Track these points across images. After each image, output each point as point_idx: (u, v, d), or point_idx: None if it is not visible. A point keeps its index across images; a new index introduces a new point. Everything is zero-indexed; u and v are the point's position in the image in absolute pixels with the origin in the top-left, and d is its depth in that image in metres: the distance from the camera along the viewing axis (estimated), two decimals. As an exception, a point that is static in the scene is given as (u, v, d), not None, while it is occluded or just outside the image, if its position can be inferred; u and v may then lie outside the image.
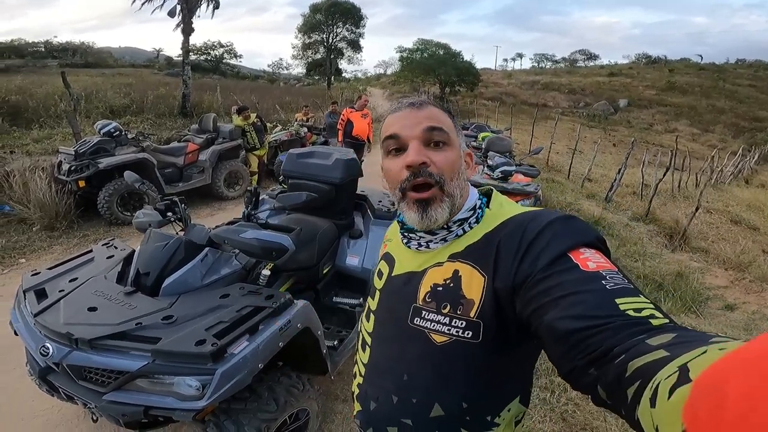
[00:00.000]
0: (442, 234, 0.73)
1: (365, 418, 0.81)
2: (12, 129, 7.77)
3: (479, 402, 0.71)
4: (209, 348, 1.25)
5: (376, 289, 0.83)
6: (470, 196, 0.76)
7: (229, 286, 1.64)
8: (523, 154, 7.37)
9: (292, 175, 2.57)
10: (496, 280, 0.63)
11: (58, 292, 1.62)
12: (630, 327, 0.46)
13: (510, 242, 0.64)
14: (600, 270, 0.54)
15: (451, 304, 0.67)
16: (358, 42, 33.99)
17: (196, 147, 5.96)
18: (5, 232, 4.70)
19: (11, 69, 19.94)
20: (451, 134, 0.72)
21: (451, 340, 0.67)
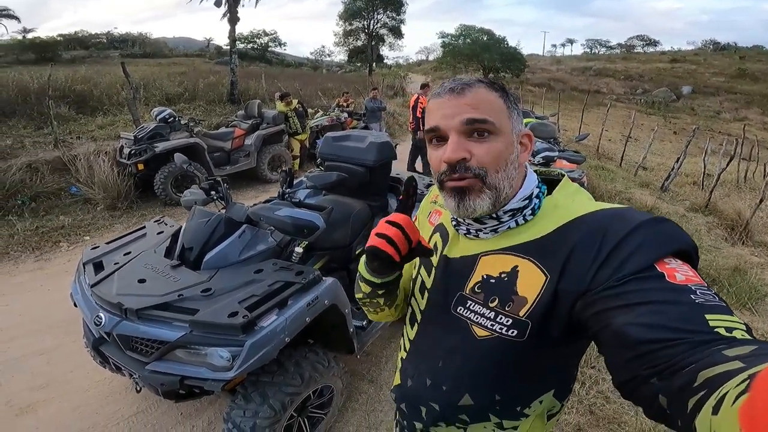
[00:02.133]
0: (491, 224, 0.68)
1: (400, 392, 0.82)
2: (78, 116, 8.41)
3: (511, 395, 0.70)
4: (240, 320, 1.32)
5: (432, 265, 0.77)
6: (527, 184, 0.68)
7: (263, 262, 1.72)
8: (569, 141, 7.05)
9: (328, 157, 2.63)
10: (562, 282, 0.58)
11: (113, 264, 1.76)
12: (714, 343, 0.42)
13: (588, 244, 0.58)
14: (689, 283, 0.49)
15: (501, 299, 0.64)
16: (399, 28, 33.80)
17: (243, 132, 6.20)
18: (72, 211, 5.15)
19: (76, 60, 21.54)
20: (498, 120, 0.63)
21: (493, 336, 0.64)
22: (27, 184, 5.44)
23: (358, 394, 2.21)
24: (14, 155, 6.14)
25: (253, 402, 1.50)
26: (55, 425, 2.00)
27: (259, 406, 1.49)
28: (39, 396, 2.18)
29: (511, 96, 0.67)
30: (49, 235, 4.43)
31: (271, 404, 1.50)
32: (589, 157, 10.42)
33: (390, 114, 12.43)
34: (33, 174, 5.64)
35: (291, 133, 6.63)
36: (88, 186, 5.38)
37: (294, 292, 1.51)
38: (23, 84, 8.71)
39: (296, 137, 6.72)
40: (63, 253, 4.08)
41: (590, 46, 67.62)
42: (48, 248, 4.17)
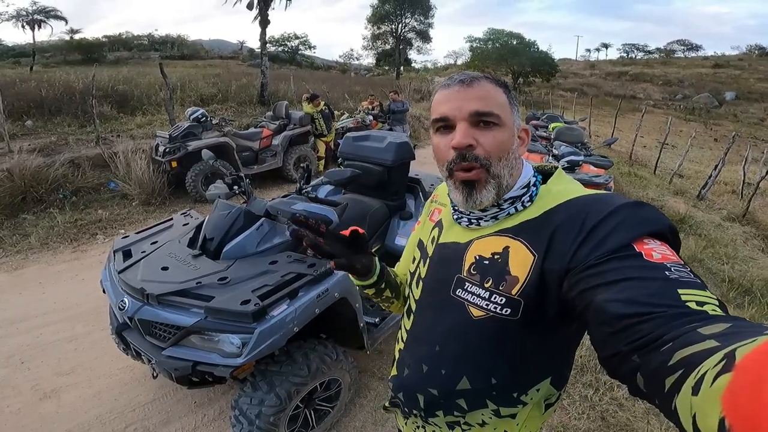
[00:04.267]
0: (492, 212, 0.72)
1: (397, 382, 0.84)
2: (119, 115, 8.87)
3: (508, 379, 0.71)
4: (251, 308, 1.38)
5: (428, 257, 0.82)
6: (524, 173, 0.73)
7: (278, 254, 1.78)
8: (599, 146, 6.87)
9: (348, 156, 2.68)
10: (547, 261, 0.61)
11: (141, 252, 1.87)
12: (686, 317, 0.43)
13: (570, 224, 0.61)
14: (665, 261, 0.51)
15: (494, 279, 0.66)
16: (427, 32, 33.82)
17: (270, 132, 6.36)
18: (109, 205, 5.42)
19: (120, 61, 22.67)
20: (503, 113, 0.68)
21: (488, 316, 0.67)
22: (69, 179, 5.74)
23: (367, 390, 2.24)
24: (58, 151, 6.51)
25: (260, 390, 1.55)
26: (75, 410, 2.11)
27: (265, 395, 1.54)
28: (63, 381, 2.31)
29: (512, 93, 0.73)
30: (86, 228, 4.69)
31: (278, 393, 1.54)
32: (621, 163, 10.10)
33: (416, 117, 12.45)
34: (75, 169, 5.95)
35: (317, 134, 6.76)
36: (125, 182, 5.65)
37: (305, 284, 1.56)
38: (69, 84, 9.24)
39: (322, 139, 6.83)
40: (99, 245, 4.30)
41: (627, 51, 65.36)
42: (85, 240, 4.41)
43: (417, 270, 0.85)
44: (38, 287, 3.37)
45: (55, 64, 23.11)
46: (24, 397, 2.20)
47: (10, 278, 3.54)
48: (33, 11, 25.15)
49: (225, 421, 2.05)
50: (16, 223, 4.76)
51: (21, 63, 23.40)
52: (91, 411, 2.10)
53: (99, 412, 2.09)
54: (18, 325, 2.82)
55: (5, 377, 2.33)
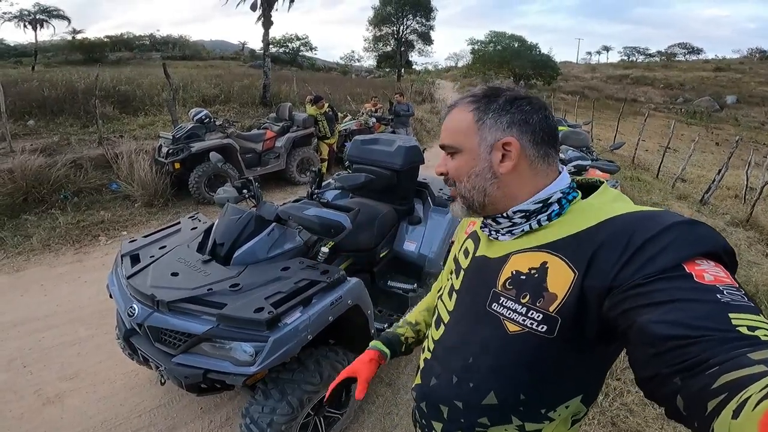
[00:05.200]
0: (505, 224, 0.72)
1: (421, 391, 0.83)
2: (122, 116, 8.83)
3: (538, 395, 0.70)
4: (266, 315, 1.35)
5: (461, 268, 0.82)
6: (547, 189, 0.70)
7: (290, 260, 1.75)
8: (603, 150, 6.85)
9: (356, 160, 2.66)
10: (588, 278, 0.59)
11: (149, 257, 1.84)
12: (735, 342, 0.42)
13: (616, 241, 0.58)
14: (717, 284, 0.49)
15: (532, 295, 0.65)
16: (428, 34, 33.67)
17: (274, 134, 6.34)
18: (111, 206, 5.39)
19: (122, 61, 22.66)
20: (460, 140, 0.72)
21: (524, 331, 0.65)
22: (71, 179, 5.71)
23: (375, 397, 2.21)
24: (60, 152, 6.48)
25: (272, 398, 1.53)
26: (79, 415, 2.09)
27: (277, 403, 1.51)
28: (67, 386, 2.28)
29: (495, 104, 0.70)
30: (89, 229, 4.65)
31: (290, 401, 1.52)
32: (624, 167, 10.08)
33: (418, 120, 12.44)
34: (77, 170, 5.92)
35: (320, 136, 6.73)
36: (127, 183, 5.62)
37: (319, 291, 1.53)
38: (71, 84, 9.22)
39: (325, 141, 6.81)
40: (101, 246, 4.27)
41: (628, 54, 65.51)
42: (87, 242, 4.37)
43: (450, 281, 0.85)
44: (40, 289, 3.34)
45: (56, 64, 23.08)
46: (27, 401, 2.17)
47: (11, 280, 3.51)
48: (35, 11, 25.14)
49: (232, 427, 2.02)
50: (17, 223, 4.72)
51: (23, 62, 23.38)
52: (96, 416, 2.07)
53: (104, 417, 2.07)
54: (20, 327, 2.79)
55: (7, 381, 2.30)
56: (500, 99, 0.70)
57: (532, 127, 0.69)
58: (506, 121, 0.69)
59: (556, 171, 0.72)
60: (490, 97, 0.71)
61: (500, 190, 0.71)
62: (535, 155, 0.69)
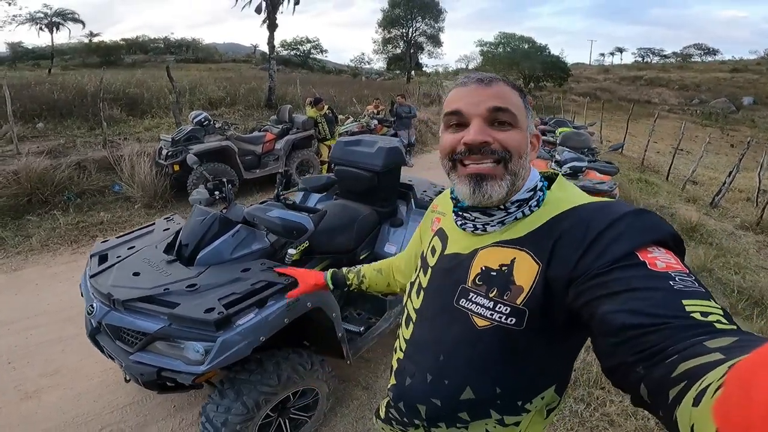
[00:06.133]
0: (499, 216, 0.71)
1: (397, 392, 0.82)
2: (128, 118, 8.97)
3: (513, 388, 0.70)
4: (215, 316, 1.33)
5: (429, 266, 0.81)
6: (531, 177, 0.72)
7: (252, 261, 1.73)
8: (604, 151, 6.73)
9: (339, 161, 2.63)
10: (550, 269, 0.61)
11: (116, 257, 1.84)
12: (691, 329, 0.43)
13: (573, 232, 0.61)
14: (669, 270, 0.51)
15: (499, 289, 0.66)
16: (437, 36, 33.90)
17: (273, 137, 6.36)
18: (112, 207, 5.46)
19: (136, 63, 23.04)
20: (519, 115, 0.68)
21: (492, 326, 0.66)
22: (75, 181, 5.81)
23: (350, 400, 2.18)
24: (66, 154, 6.60)
25: (227, 398, 1.51)
26: (55, 411, 2.10)
27: (232, 403, 1.50)
28: (47, 382, 2.30)
29: (527, 98, 0.73)
30: (87, 230, 4.72)
31: (245, 402, 1.50)
32: (632, 169, 9.89)
33: (423, 122, 12.39)
34: (81, 172, 6.02)
35: (320, 138, 6.73)
36: (129, 185, 5.69)
37: (275, 293, 1.50)
38: (81, 87, 9.40)
39: (325, 143, 6.81)
40: (97, 246, 4.32)
41: (642, 55, 64.46)
42: (85, 242, 4.42)
43: (417, 279, 0.85)
44: (34, 288, 3.38)
45: (73, 66, 23.54)
46: (6, 397, 2.19)
47: (8, 279, 3.57)
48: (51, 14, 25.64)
49: (203, 428, 2.00)
50: (20, 224, 4.81)
51: (40, 65, 23.87)
52: (69, 412, 2.09)
53: (77, 413, 2.08)
54: (10, 326, 2.82)
55: None
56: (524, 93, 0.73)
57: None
58: (531, 116, 0.73)
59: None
60: (522, 89, 0.73)
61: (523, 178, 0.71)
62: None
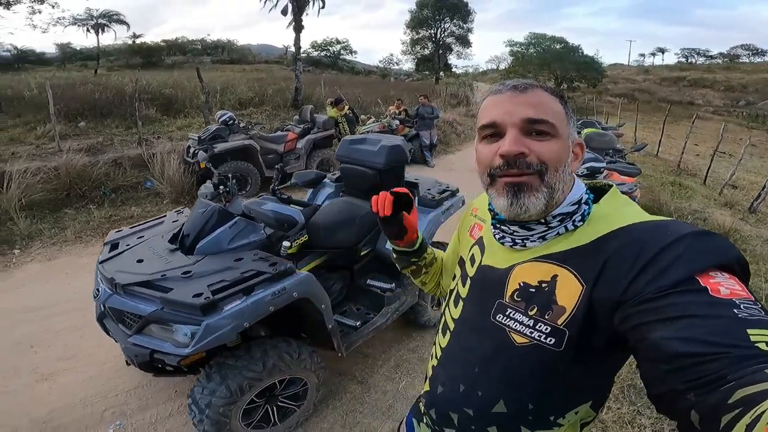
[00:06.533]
0: (539, 230, 0.67)
1: (430, 399, 0.83)
2: (163, 118, 9.40)
3: (546, 404, 0.69)
4: (201, 300, 1.40)
5: (467, 276, 0.80)
6: (575, 190, 0.68)
7: (246, 252, 1.80)
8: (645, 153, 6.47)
9: (344, 159, 2.68)
10: (596, 291, 0.58)
11: (125, 246, 1.95)
12: (754, 359, 0.40)
13: (625, 253, 0.57)
14: (734, 297, 0.47)
15: (540, 308, 0.64)
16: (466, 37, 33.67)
17: (295, 136, 6.50)
18: (143, 202, 5.73)
19: (176, 64, 23.97)
20: (559, 124, 0.64)
21: (531, 344, 0.64)
22: (110, 177, 6.13)
23: (343, 393, 2.21)
24: (103, 151, 6.99)
25: (213, 381, 1.58)
26: (65, 392, 2.23)
27: (217, 386, 1.56)
28: (63, 366, 2.44)
29: (569, 105, 0.69)
30: (119, 223, 4.97)
31: (229, 386, 1.56)
32: (666, 173, 9.46)
33: (449, 123, 12.31)
34: (117, 168, 6.36)
35: (341, 138, 6.83)
36: (159, 181, 5.97)
37: (263, 281, 1.56)
38: (121, 87, 9.92)
39: (346, 142, 6.90)
40: (125, 238, 4.56)
41: (686, 56, 61.37)
42: (114, 234, 4.68)
43: (456, 288, 0.83)
44: (64, 277, 3.61)
45: (118, 67, 24.71)
46: (23, 379, 2.34)
47: (42, 268, 3.82)
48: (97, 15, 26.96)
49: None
50: (57, 217, 5.12)
51: (87, 66, 25.20)
52: (78, 394, 2.22)
53: (85, 395, 2.21)
54: (38, 312, 3.00)
55: (13, 360, 2.50)
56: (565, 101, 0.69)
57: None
58: (574, 124, 0.69)
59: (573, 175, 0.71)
60: (562, 95, 0.69)
61: (565, 191, 0.67)
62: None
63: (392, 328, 2.72)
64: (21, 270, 3.82)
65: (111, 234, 2.15)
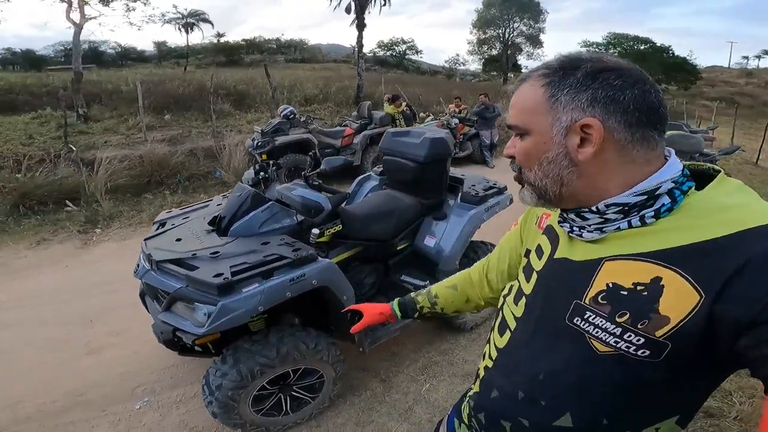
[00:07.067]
0: (594, 220, 0.60)
1: (480, 403, 0.76)
2: (235, 112, 10.03)
3: (622, 420, 0.61)
4: (220, 280, 1.41)
5: (533, 270, 0.72)
6: (653, 177, 0.57)
7: (273, 236, 1.81)
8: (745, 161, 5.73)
9: (387, 152, 2.64)
10: (720, 303, 0.49)
11: (170, 225, 2.06)
12: None
13: (766, 264, 0.47)
14: None
15: (633, 315, 0.54)
16: (537, 37, 32.44)
17: (352, 131, 6.59)
18: (211, 191, 6.11)
19: (253, 63, 25.48)
20: (529, 120, 0.61)
21: (617, 354, 0.56)
22: (186, 166, 6.63)
23: (364, 390, 2.16)
24: (182, 142, 7.58)
25: (227, 364, 1.59)
26: (107, 366, 2.38)
27: (229, 369, 1.58)
28: (112, 341, 2.61)
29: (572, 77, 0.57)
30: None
31: (240, 370, 1.57)
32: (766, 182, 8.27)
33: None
34: (192, 158, 6.87)
35: (398, 134, 6.81)
36: (226, 171, 6.38)
37: (282, 266, 1.55)
38: (202, 83, 10.74)
39: (403, 139, 6.86)
40: (189, 222, 4.91)
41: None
42: (181, 218, 5.06)
43: (517, 283, 0.76)
44: (133, 256, 3.89)
45: (204, 65, 26.85)
46: (73, 351, 2.53)
47: (116, 247, 4.19)
48: (186, 14, 29.37)
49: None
50: (137, 201, 5.64)
51: (179, 63, 27.65)
52: (117, 369, 2.35)
53: (124, 370, 2.34)
54: (104, 287, 3.25)
55: (71, 332, 2.71)
56: (579, 72, 0.57)
57: (623, 105, 0.55)
58: (587, 99, 0.56)
59: (660, 157, 0.59)
60: (567, 69, 0.58)
61: (581, 180, 0.59)
62: (628, 139, 0.56)
63: (425, 329, 2.62)
64: (99, 247, 4.23)
65: (161, 214, 2.28)
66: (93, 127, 8.20)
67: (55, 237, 4.44)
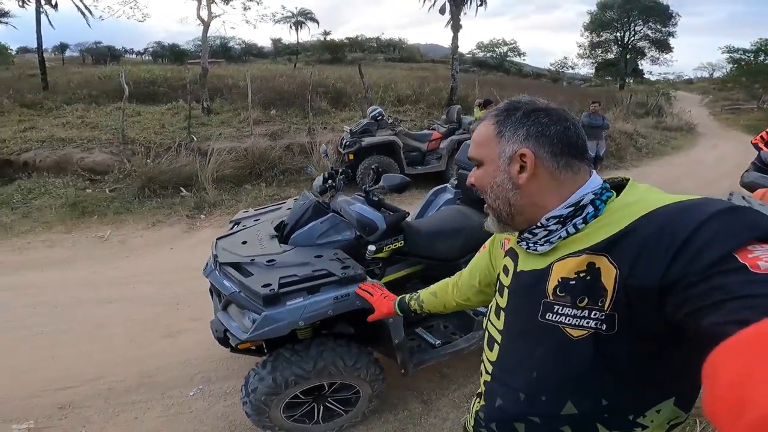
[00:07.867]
0: (541, 234, 0.71)
1: (488, 413, 0.83)
2: (332, 110, 10.48)
3: (621, 399, 0.68)
4: (266, 291, 1.46)
5: (504, 287, 0.83)
6: (577, 193, 0.69)
7: (327, 250, 1.81)
8: None
9: (461, 164, 2.52)
10: (632, 278, 0.58)
11: (242, 226, 2.19)
12: None
13: (659, 236, 0.56)
14: None
15: (590, 297, 0.64)
16: (666, 41, 29.29)
17: (440, 136, 6.48)
18: (301, 186, 6.42)
19: (355, 61, 26.57)
20: (482, 152, 0.75)
21: (589, 334, 0.64)
22: (282, 160, 7.09)
23: (402, 408, 2.09)
24: (281, 137, 8.14)
25: (265, 370, 1.64)
26: (178, 351, 2.54)
27: (266, 375, 1.62)
28: (189, 326, 2.80)
29: (513, 116, 0.72)
30: (276, 201, 5.76)
31: (275, 377, 1.60)
32: None
33: (627, 134, 10.60)
34: (288, 153, 7.32)
35: (487, 141, 6.51)
36: (317, 168, 6.70)
37: (328, 283, 1.55)
38: (304, 80, 11.40)
39: (492, 146, 6.55)
40: (277, 215, 5.24)
41: None
42: (270, 211, 5.43)
43: (495, 301, 0.86)
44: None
45: (312, 62, 28.65)
46: (153, 333, 2.75)
47: (214, 233, 4.38)
48: (296, 13, 31.42)
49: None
50: (238, 191, 6.15)
51: (291, 60, 29.88)
52: (185, 354, 2.52)
53: (189, 356, 2.50)
54: (196, 272, 3.54)
55: (160, 314, 2.93)
56: (518, 112, 0.72)
57: (549, 138, 0.69)
58: (523, 133, 0.71)
59: (584, 177, 0.71)
60: (510, 110, 0.73)
61: (524, 200, 0.72)
62: (555, 165, 0.70)
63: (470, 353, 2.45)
64: (201, 232, 4.68)
65: (239, 213, 2.44)
66: (213, 119, 9.18)
67: (168, 219, 5.04)
